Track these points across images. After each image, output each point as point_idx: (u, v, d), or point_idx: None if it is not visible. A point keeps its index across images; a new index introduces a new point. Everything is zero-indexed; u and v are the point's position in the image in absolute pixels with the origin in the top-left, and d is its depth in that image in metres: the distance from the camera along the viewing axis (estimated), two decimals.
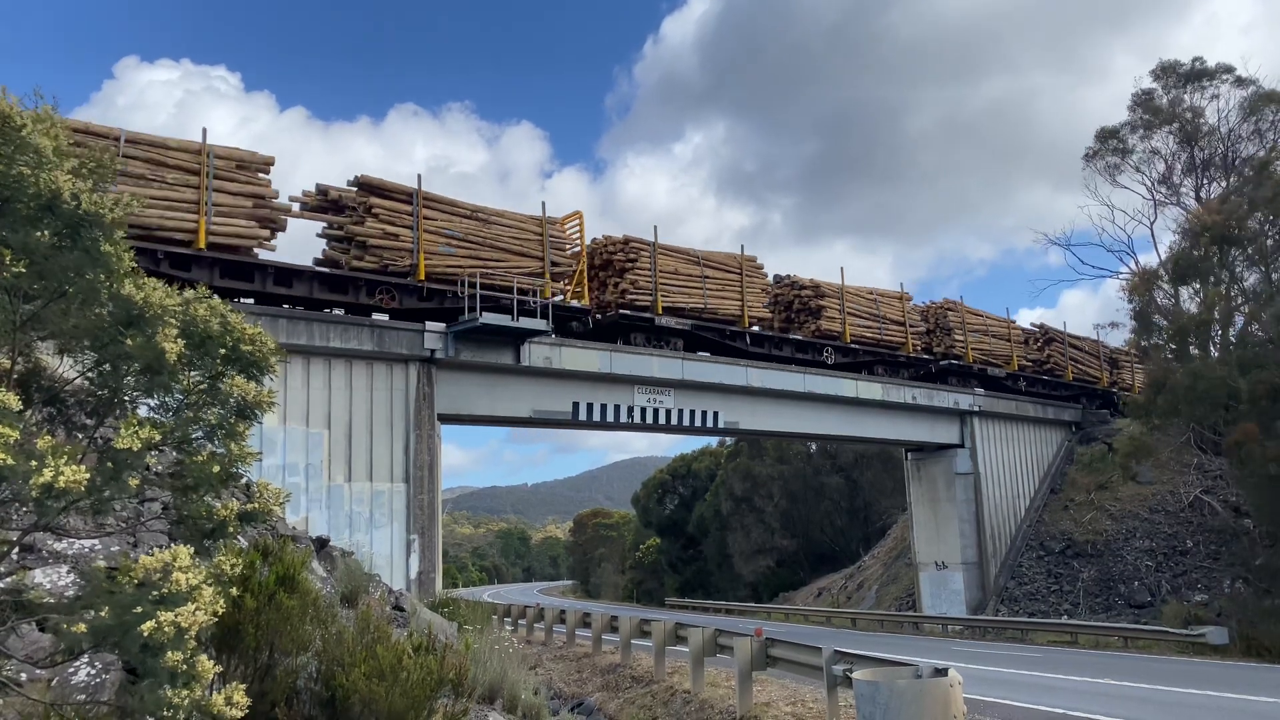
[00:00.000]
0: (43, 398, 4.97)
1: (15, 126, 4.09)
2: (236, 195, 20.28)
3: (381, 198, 22.44)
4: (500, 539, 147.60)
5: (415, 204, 22.78)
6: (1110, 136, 42.96)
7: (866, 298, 34.36)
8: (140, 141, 19.29)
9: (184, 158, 19.76)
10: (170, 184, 19.38)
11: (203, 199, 19.53)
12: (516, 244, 24.59)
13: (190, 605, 3.94)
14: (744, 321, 29.46)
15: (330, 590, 9.45)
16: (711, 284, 28.90)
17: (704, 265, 28.95)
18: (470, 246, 23.64)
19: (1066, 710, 13.84)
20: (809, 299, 32.31)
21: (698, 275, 28.57)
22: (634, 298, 26.83)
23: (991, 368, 38.18)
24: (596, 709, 19.16)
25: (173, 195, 19.34)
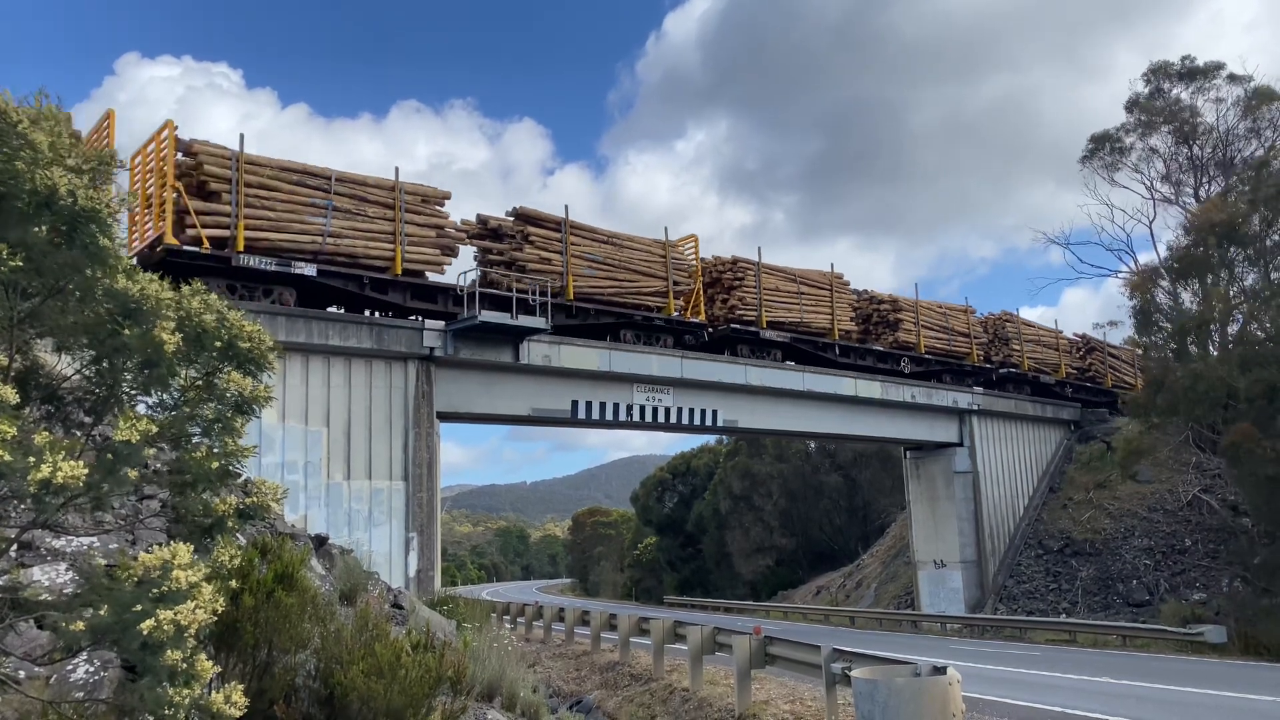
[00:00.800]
0: (40, 395, 4.96)
1: (12, 123, 4.07)
2: (422, 226, 22.92)
3: (536, 226, 25.23)
4: (499, 537, 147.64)
5: (564, 232, 25.66)
6: (1104, 141, 42.99)
7: (937, 311, 37.04)
8: (346, 180, 21.83)
9: (380, 194, 22.31)
10: (371, 217, 22.02)
11: (397, 230, 22.21)
12: (644, 265, 27.42)
13: (190, 603, 3.93)
14: (834, 334, 32.38)
15: (329, 588, 9.44)
16: (806, 300, 31.82)
17: (799, 283, 31.85)
18: (607, 269, 26.53)
19: (1065, 708, 13.85)
20: (887, 312, 34.93)
21: (794, 292, 31.46)
22: (741, 313, 29.64)
23: (1043, 375, 41.16)
24: (595, 707, 19.16)
25: (373, 228, 22.00)
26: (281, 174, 20.97)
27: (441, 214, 23.49)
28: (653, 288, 27.39)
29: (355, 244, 21.57)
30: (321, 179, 21.39)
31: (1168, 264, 35.55)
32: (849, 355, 33.25)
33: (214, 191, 19.95)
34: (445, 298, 23.33)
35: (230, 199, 19.94)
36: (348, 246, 21.43)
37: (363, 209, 21.89)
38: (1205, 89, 41.04)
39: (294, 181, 21.12)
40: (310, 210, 21.14)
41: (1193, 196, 41.92)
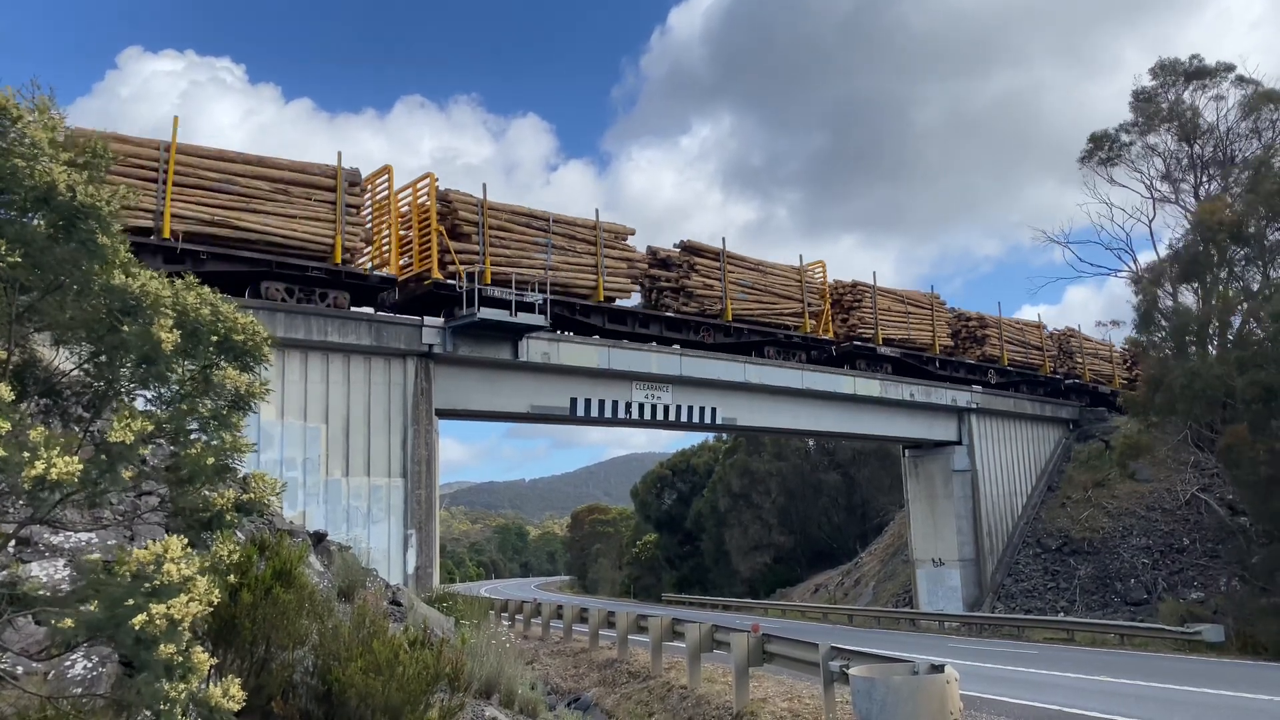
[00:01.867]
0: (38, 390, 4.96)
1: (12, 118, 4.07)
2: (616, 259, 26.86)
3: (699, 256, 29.10)
4: (498, 534, 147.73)
5: (722, 261, 29.46)
6: (1103, 139, 42.95)
7: (1015, 327, 41.15)
8: (560, 220, 25.92)
9: (584, 231, 26.21)
10: (579, 252, 25.85)
11: (599, 263, 26.14)
12: (783, 289, 31.38)
13: (182, 596, 3.92)
14: (935, 349, 36.21)
15: (327, 585, 9.44)
16: (911, 318, 35.71)
17: (906, 303, 35.85)
18: (755, 293, 30.31)
19: (1063, 707, 13.86)
20: (975, 329, 38.88)
21: (902, 311, 35.40)
22: (861, 330, 33.53)
23: (1100, 385, 44.60)
24: (593, 704, 19.17)
25: (580, 261, 25.81)
26: (513, 217, 24.90)
27: (629, 248, 27.65)
28: (791, 309, 31.28)
29: (568, 275, 25.49)
30: (542, 220, 25.46)
31: (1170, 263, 35.53)
32: (945, 368, 36.80)
33: (465, 233, 23.63)
34: (633, 320, 27.54)
35: (478, 239, 23.68)
36: (563, 278, 25.29)
37: (573, 245, 25.90)
38: (1207, 87, 41.03)
39: (522, 223, 25.05)
40: (535, 248, 25.06)
41: (1193, 196, 41.88)
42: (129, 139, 19.36)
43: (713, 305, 28.75)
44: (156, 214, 19.08)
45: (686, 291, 28.33)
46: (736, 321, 29.42)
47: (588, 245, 26.06)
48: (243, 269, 20.46)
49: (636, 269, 27.50)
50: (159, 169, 19.38)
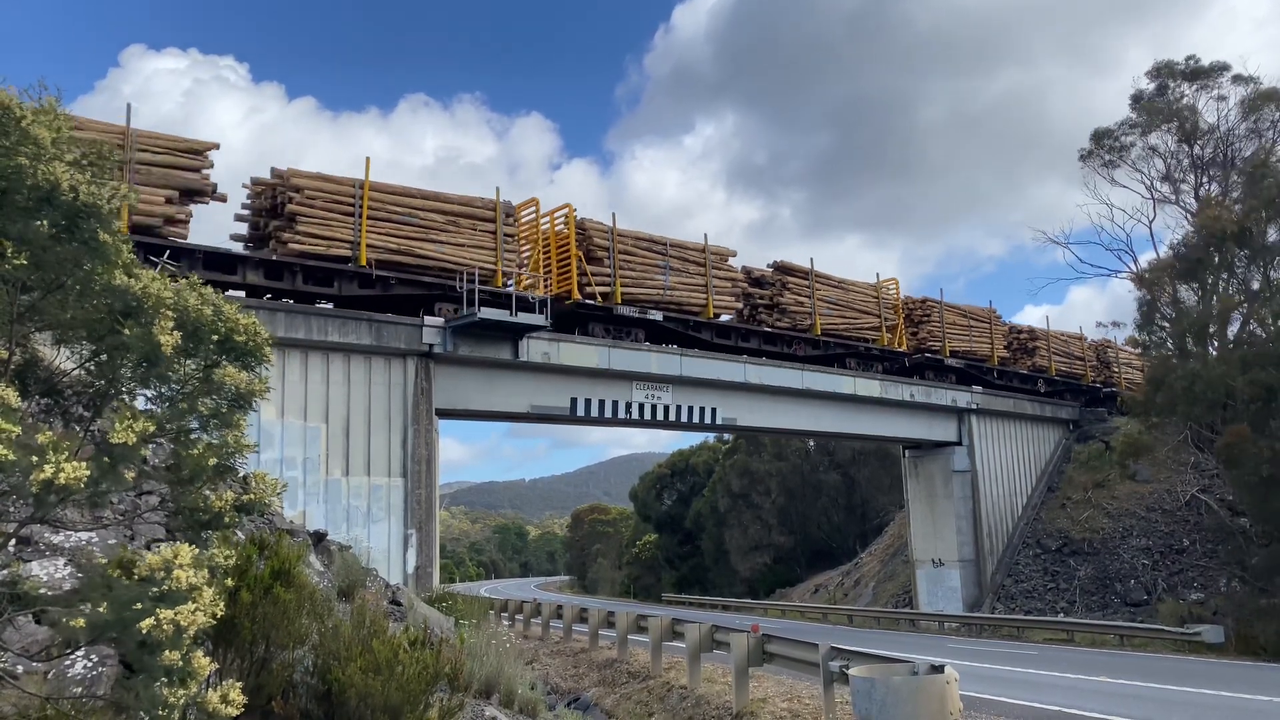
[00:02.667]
0: (40, 389, 4.96)
1: (15, 118, 4.07)
2: (721, 279, 29.58)
3: (790, 275, 31.85)
4: (498, 534, 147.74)
5: (810, 280, 32.23)
6: (1105, 138, 42.93)
7: (1060, 339, 43.52)
8: (675, 244, 28.68)
9: (695, 254, 28.98)
10: (691, 273, 28.71)
11: (708, 282, 28.86)
12: (862, 305, 34.15)
13: (190, 605, 3.92)
14: (993, 360, 39.07)
15: (327, 584, 9.44)
16: (973, 331, 38.61)
17: (968, 317, 38.82)
18: (839, 309, 33.06)
19: (1062, 707, 13.86)
20: (1026, 340, 41.58)
21: (965, 325, 38.36)
22: (930, 344, 36.32)
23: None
24: (593, 704, 19.18)
25: (692, 281, 28.65)
26: (637, 242, 27.63)
27: (732, 268, 30.46)
28: (869, 323, 34.14)
29: (682, 295, 28.22)
30: (661, 244, 28.27)
31: (1171, 264, 35.52)
32: (1001, 378, 39.62)
33: (598, 258, 26.37)
34: (736, 334, 30.27)
35: (609, 263, 26.45)
36: (678, 297, 28.05)
37: (685, 267, 28.60)
38: (1208, 87, 41.00)
39: (644, 247, 27.82)
40: (655, 270, 27.78)
41: (1193, 196, 41.87)
42: (333, 178, 22.13)
43: (803, 320, 31.63)
44: (354, 244, 21.62)
45: (780, 308, 31.15)
46: (824, 336, 32.24)
47: (698, 266, 28.92)
48: (421, 292, 22.92)
49: (738, 288, 30.36)
50: (355, 205, 21.89)
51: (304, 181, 21.49)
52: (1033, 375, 41.19)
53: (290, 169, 21.97)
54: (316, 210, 21.40)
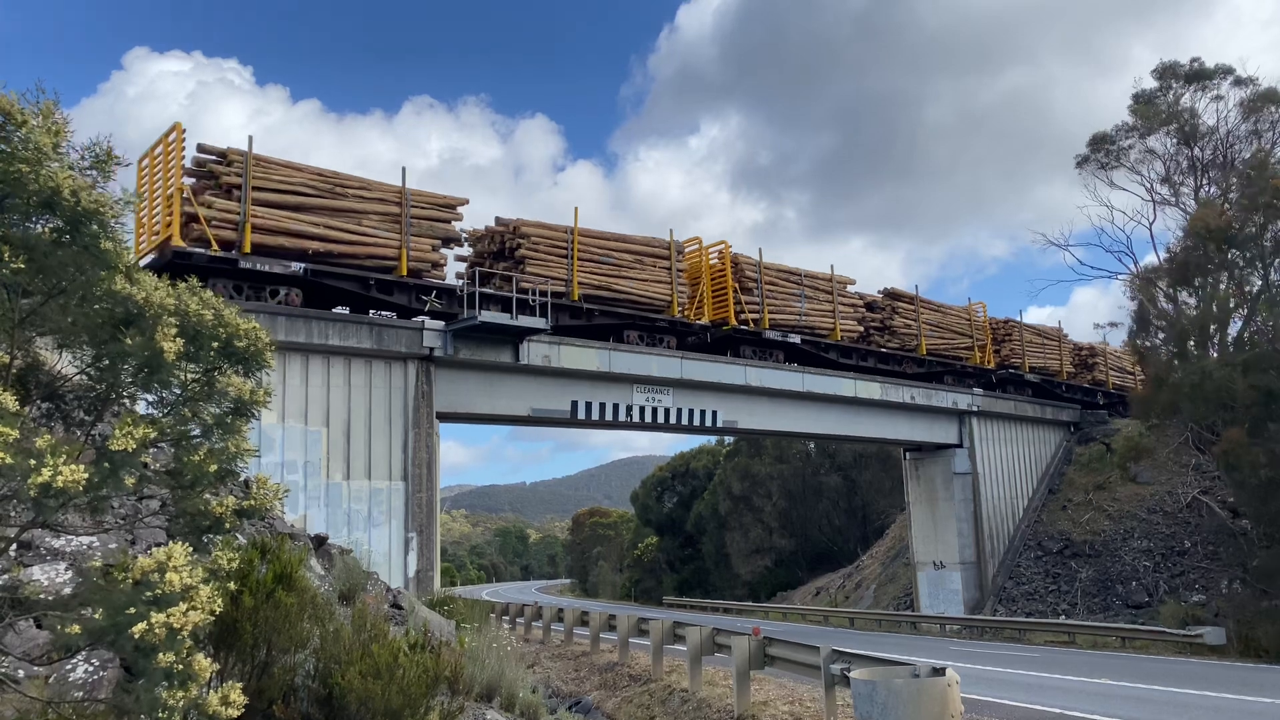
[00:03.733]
0: (41, 393, 4.97)
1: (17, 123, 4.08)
2: (844, 304, 33.36)
3: (899, 301, 35.78)
4: (498, 537, 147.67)
5: (916, 305, 36.00)
6: (1102, 142, 42.95)
7: (1116, 355, 47.49)
8: (808, 275, 32.46)
9: (823, 282, 32.98)
10: (821, 301, 32.51)
11: (835, 308, 32.74)
12: (958, 326, 38.14)
13: (182, 605, 3.92)
14: (1062, 375, 42.97)
15: (328, 588, 9.45)
16: (1046, 349, 42.72)
17: (1042, 336, 42.97)
18: (939, 330, 36.96)
19: (1064, 710, 13.86)
20: (1086, 356, 45.82)
21: (1039, 343, 42.35)
22: (1011, 360, 40.07)
23: None
24: (594, 707, 19.18)
25: (822, 308, 32.54)
26: (779, 274, 31.52)
27: (851, 294, 34.19)
28: (964, 343, 37.93)
29: (814, 319, 32.02)
30: (796, 275, 32.07)
31: (1164, 267, 35.56)
32: (1068, 391, 43.30)
33: (749, 288, 30.18)
34: (856, 354, 33.71)
35: (758, 293, 30.20)
36: (810, 321, 31.87)
37: (816, 294, 32.38)
38: (1207, 89, 41.02)
39: (783, 278, 31.60)
40: (792, 298, 31.59)
41: (1193, 198, 41.88)
42: (550, 225, 25.98)
43: (910, 341, 35.27)
44: (566, 281, 25.52)
45: (890, 330, 34.83)
46: (928, 355, 35.91)
47: (825, 294, 32.78)
48: (615, 322, 26.80)
49: (858, 312, 34.09)
50: (567, 248, 25.73)
51: (530, 229, 25.27)
52: (1091, 389, 44.96)
53: (518, 219, 25.76)
54: (540, 254, 25.24)
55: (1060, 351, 43.41)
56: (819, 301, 32.33)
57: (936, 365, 36.43)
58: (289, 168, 21.67)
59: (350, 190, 22.31)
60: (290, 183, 21.50)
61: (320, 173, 22.17)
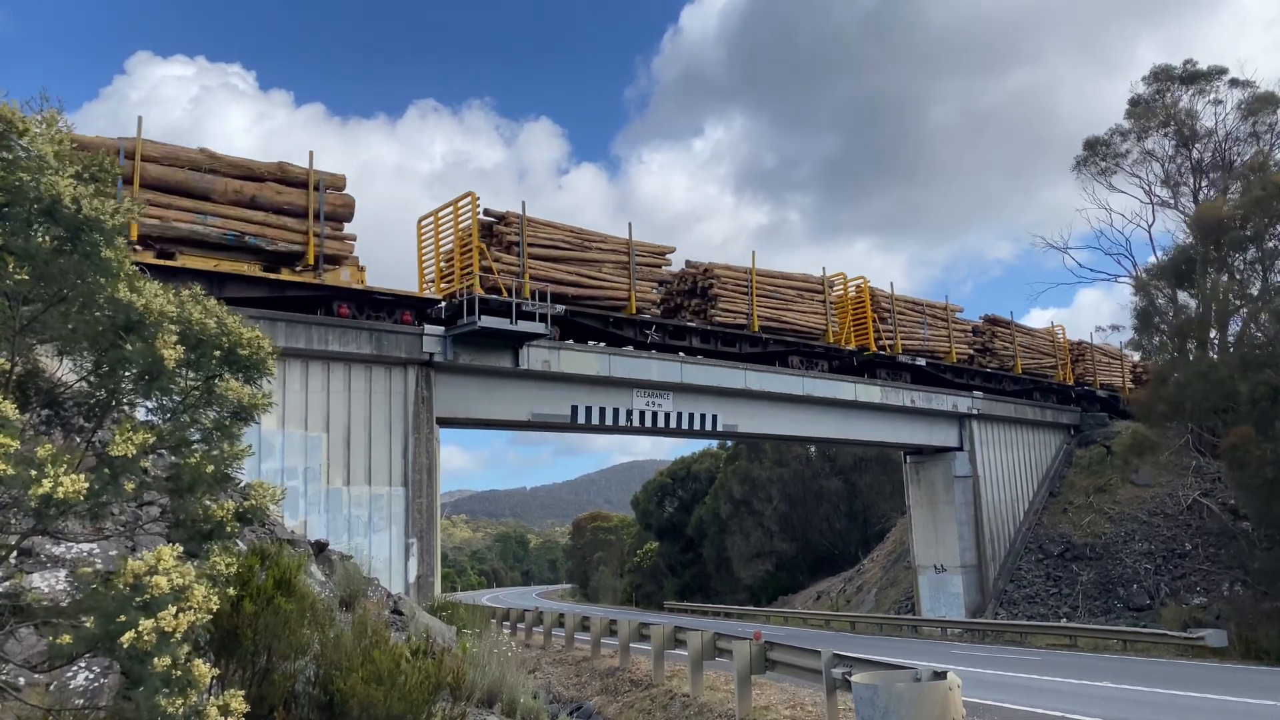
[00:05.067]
0: (41, 400, 4.98)
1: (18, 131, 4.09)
2: (957, 330, 38.14)
3: (997, 325, 40.23)
4: (499, 542, 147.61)
5: (1011, 329, 40.49)
6: (1098, 145, 43.00)
7: None
8: (931, 305, 37.55)
9: (940, 311, 37.71)
10: (938, 328, 36.85)
11: (950, 333, 37.30)
12: (1044, 348, 42.41)
13: (172, 608, 3.90)
14: (1125, 391, 45.87)
15: (329, 594, 9.44)
16: (1112, 368, 47.38)
17: (1109, 356, 47.50)
18: (1030, 351, 41.16)
19: (1065, 713, 13.85)
20: (1141, 374, 47.38)
21: (1107, 361, 47.17)
22: (1085, 378, 44.75)
23: None
24: (595, 712, 19.15)
25: (939, 334, 36.88)
26: (906, 304, 36.12)
27: (961, 320, 38.85)
28: (1049, 363, 42.36)
29: (935, 344, 36.39)
30: (920, 305, 36.87)
31: (1163, 269, 35.58)
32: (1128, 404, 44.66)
33: (884, 316, 34.57)
34: (966, 375, 37.69)
35: (891, 321, 34.67)
36: (932, 345, 36.29)
37: (935, 322, 36.89)
38: (1205, 92, 41.09)
39: (909, 308, 36.30)
40: (917, 325, 36.14)
41: (1192, 200, 41.93)
42: (734, 267, 30.19)
43: (1008, 362, 39.59)
44: (748, 315, 29.72)
45: (992, 352, 39.17)
46: (1024, 374, 40.10)
47: (942, 321, 37.37)
48: (783, 349, 31.03)
49: (967, 337, 38.50)
50: (746, 285, 30.03)
51: (720, 271, 29.53)
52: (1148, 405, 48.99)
53: (709, 263, 29.91)
54: (727, 291, 29.50)
55: (1123, 369, 47.79)
56: (936, 328, 36.89)
57: (1028, 383, 40.83)
58: (549, 226, 25.93)
59: (593, 244, 26.62)
60: (551, 239, 25.67)
61: (571, 230, 26.50)
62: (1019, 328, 40.95)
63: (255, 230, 20.46)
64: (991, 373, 38.64)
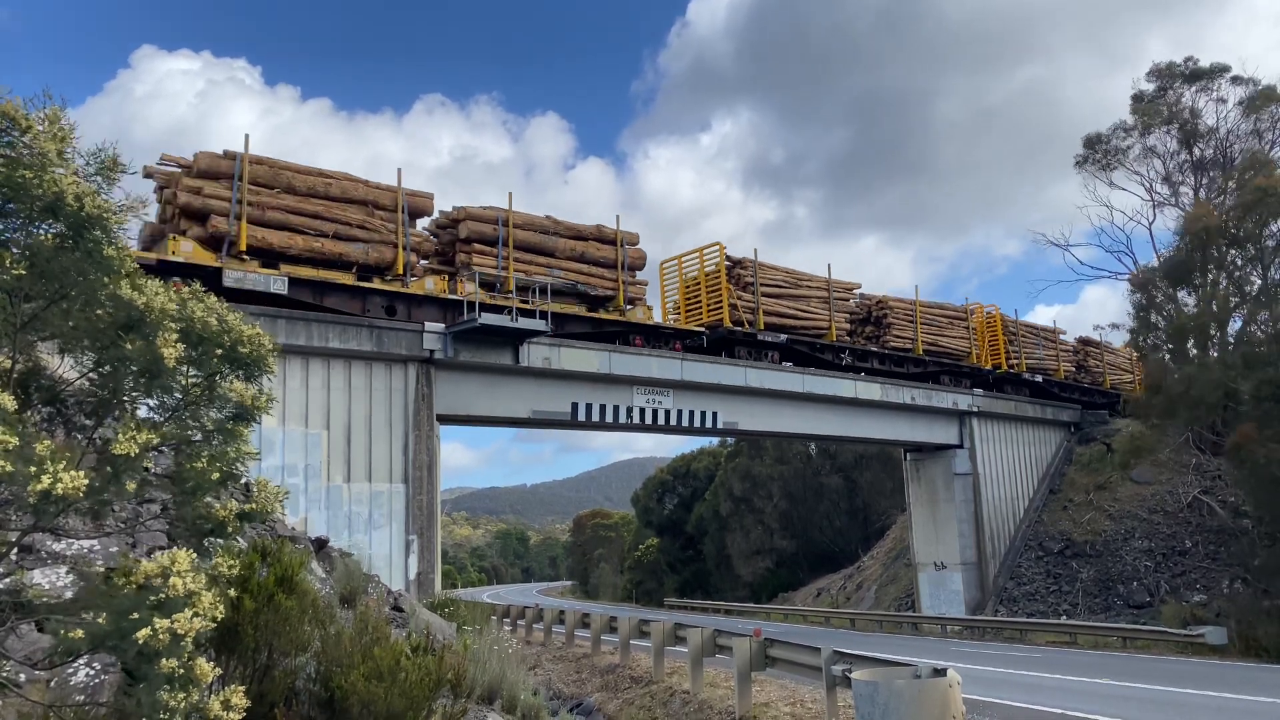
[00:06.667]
0: (42, 398, 4.98)
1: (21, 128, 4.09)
2: (1063, 351, 43.27)
3: (1090, 346, 45.72)
4: (499, 539, 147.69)
5: (1101, 349, 46.19)
6: (1098, 142, 42.93)
7: None
8: (1042, 328, 42.75)
9: (1049, 333, 42.90)
10: (1047, 349, 41.93)
11: (1058, 354, 43.10)
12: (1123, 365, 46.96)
13: (187, 611, 3.92)
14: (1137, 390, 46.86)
15: (329, 591, 9.45)
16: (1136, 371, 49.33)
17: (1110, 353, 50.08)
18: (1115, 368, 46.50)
19: (1065, 710, 13.86)
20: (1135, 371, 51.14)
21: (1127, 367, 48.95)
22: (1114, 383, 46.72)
23: None
24: (596, 709, 19.18)
25: (1048, 353, 42.20)
26: (1026, 328, 41.52)
27: (1064, 341, 44.54)
28: (1127, 378, 46.17)
29: (1048, 362, 41.61)
30: (1035, 329, 42.45)
31: (1164, 265, 35.56)
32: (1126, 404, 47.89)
33: (1011, 339, 39.67)
34: (1065, 390, 42.54)
35: (1018, 343, 40.28)
36: (1045, 364, 41.45)
37: (1044, 342, 42.43)
38: (1208, 89, 41.04)
39: (1028, 330, 41.73)
40: (1034, 346, 41.50)
41: (1193, 198, 41.89)
42: (902, 299, 36.03)
43: (1099, 378, 45.08)
44: (913, 340, 34.91)
45: (1087, 369, 44.83)
46: (1112, 389, 44.81)
47: (1051, 342, 42.54)
48: (937, 369, 36.30)
49: (1070, 356, 43.89)
50: (912, 315, 35.51)
51: (893, 303, 35.31)
52: None
53: (884, 295, 35.63)
54: (898, 320, 34.95)
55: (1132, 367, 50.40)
56: (1047, 348, 42.11)
57: (1115, 396, 44.47)
58: (772, 268, 31.43)
59: (803, 283, 32.13)
60: (774, 279, 31.17)
61: (787, 271, 32.05)
62: (1107, 347, 46.95)
63: (583, 279, 25.92)
64: (1087, 388, 43.81)
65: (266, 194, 20.61)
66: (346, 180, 22.25)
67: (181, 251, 19.30)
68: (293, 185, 21.23)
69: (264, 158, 21.16)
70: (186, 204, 19.78)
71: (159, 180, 20.79)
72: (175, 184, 20.15)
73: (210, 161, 20.31)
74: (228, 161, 20.41)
